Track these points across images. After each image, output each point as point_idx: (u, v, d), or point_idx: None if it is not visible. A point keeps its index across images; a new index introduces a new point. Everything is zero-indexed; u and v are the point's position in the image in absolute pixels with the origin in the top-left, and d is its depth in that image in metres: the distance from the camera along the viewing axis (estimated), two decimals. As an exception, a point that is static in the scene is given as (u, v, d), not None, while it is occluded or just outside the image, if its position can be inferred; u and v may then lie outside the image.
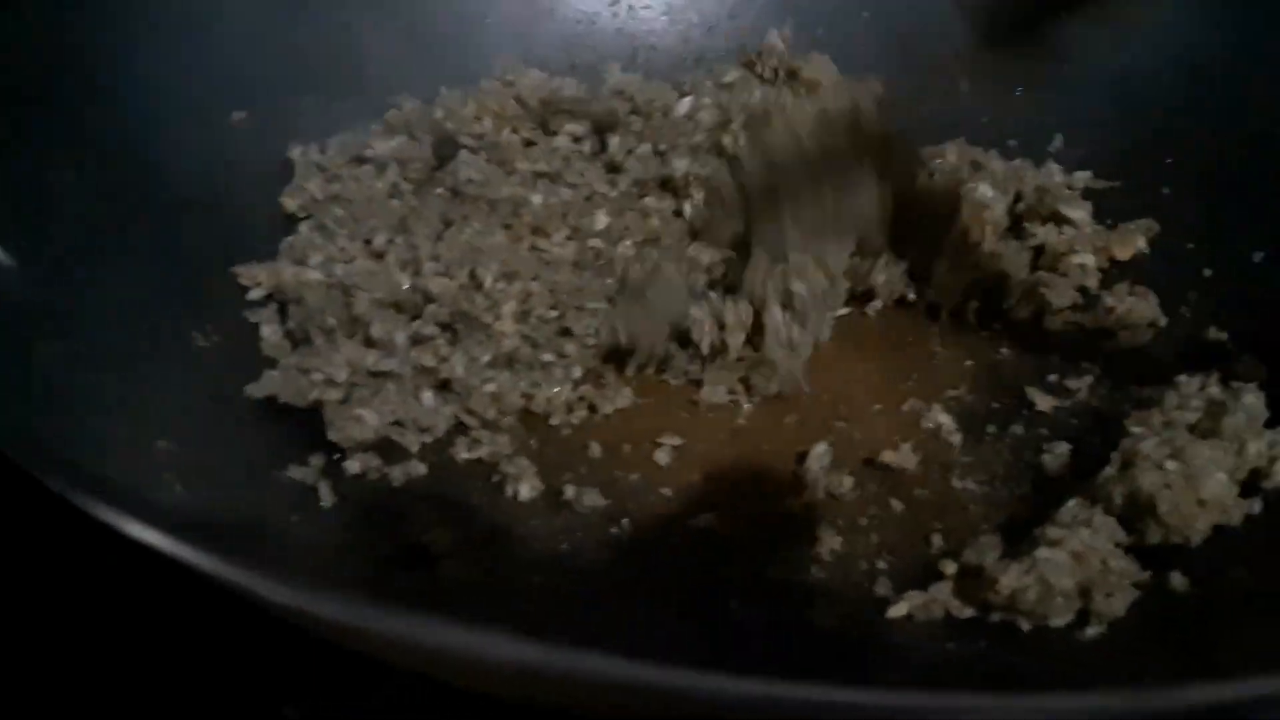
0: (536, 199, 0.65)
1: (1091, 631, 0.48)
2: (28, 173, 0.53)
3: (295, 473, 0.53)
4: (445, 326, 0.60)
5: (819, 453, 0.58)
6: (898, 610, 0.50)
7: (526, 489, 0.56)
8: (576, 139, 0.70)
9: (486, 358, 0.59)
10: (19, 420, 0.40)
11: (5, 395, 0.42)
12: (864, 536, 0.55)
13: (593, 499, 0.56)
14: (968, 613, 0.50)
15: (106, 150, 0.59)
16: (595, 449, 0.59)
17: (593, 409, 0.62)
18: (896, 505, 0.57)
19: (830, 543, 0.54)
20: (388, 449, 0.56)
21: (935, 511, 0.56)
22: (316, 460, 0.54)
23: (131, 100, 0.61)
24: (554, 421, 0.61)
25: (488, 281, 0.60)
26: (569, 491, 0.56)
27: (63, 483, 0.35)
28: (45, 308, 0.50)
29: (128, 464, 0.44)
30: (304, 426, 0.55)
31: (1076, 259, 0.67)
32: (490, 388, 0.59)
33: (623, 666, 0.29)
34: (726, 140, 0.67)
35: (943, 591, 0.51)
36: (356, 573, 0.48)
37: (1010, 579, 0.48)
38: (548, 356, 0.61)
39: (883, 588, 0.52)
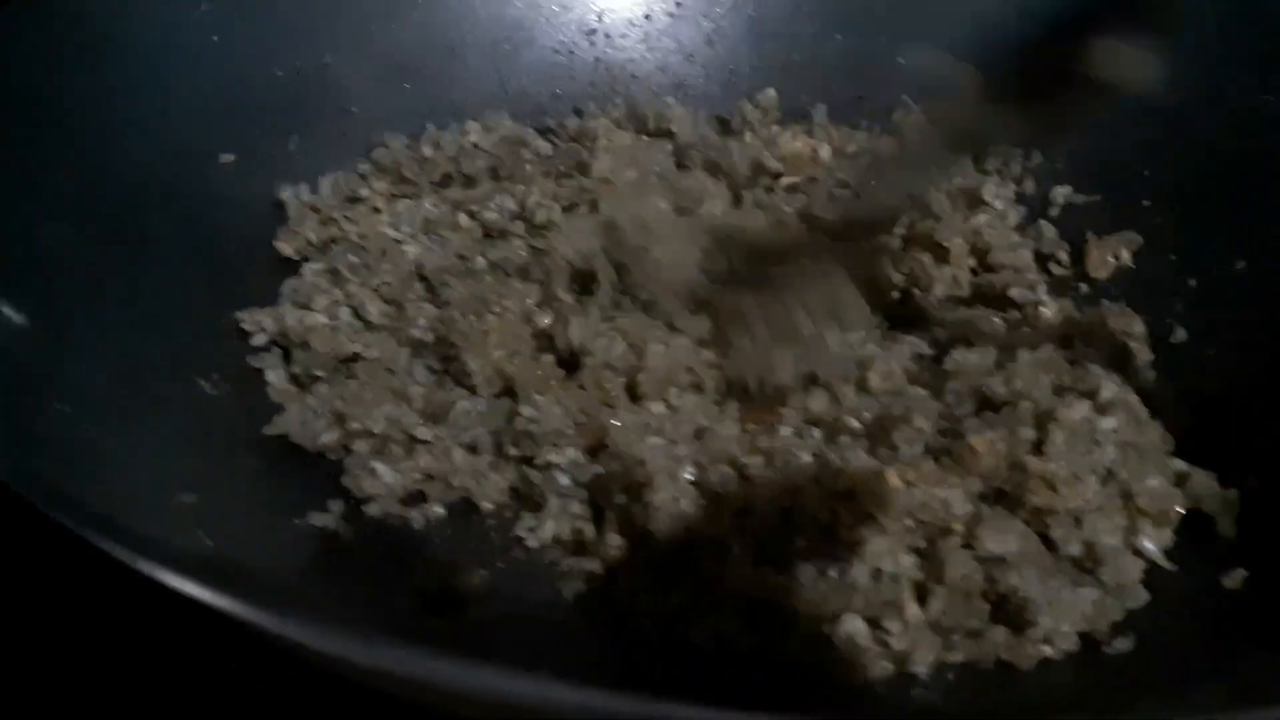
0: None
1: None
2: (28, 230, 0.52)
3: (317, 519, 0.52)
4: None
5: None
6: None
7: (550, 528, 0.55)
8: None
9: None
10: (47, 476, 0.39)
11: (30, 453, 0.41)
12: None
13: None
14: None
15: (101, 201, 0.58)
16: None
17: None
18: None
19: None
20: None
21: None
22: (336, 506, 0.53)
23: (122, 149, 0.61)
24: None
25: None
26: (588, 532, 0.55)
27: (101, 536, 0.35)
28: (55, 366, 0.49)
29: (157, 521, 0.43)
30: (318, 471, 0.55)
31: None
32: None
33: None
34: None
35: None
36: (390, 618, 0.47)
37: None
38: None
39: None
